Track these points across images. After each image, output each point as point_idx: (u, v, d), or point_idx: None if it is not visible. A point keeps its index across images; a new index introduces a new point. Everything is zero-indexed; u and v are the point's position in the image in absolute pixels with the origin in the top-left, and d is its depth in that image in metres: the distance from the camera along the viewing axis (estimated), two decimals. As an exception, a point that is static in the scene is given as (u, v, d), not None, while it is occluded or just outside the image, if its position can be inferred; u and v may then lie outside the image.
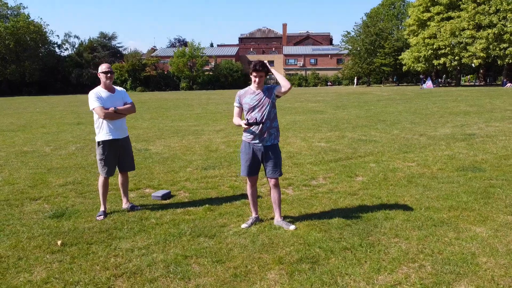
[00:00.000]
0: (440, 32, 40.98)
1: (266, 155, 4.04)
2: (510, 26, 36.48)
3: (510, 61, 37.71)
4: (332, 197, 5.03)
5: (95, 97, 4.40)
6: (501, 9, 37.13)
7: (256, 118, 3.92)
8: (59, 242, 3.77)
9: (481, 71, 55.71)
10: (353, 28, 60.41)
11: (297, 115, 15.71)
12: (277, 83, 4.05)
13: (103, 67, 4.47)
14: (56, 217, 4.53)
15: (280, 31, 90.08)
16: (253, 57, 74.22)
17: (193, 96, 36.21)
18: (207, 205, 4.82)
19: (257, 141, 4.03)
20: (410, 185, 5.44)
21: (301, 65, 72.12)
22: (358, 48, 55.06)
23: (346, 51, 57.74)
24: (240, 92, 4.14)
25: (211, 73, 64.61)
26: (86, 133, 11.86)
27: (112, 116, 4.41)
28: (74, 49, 65.66)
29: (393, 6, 66.91)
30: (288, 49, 75.73)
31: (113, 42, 71.13)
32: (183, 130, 11.97)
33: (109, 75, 4.43)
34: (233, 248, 3.57)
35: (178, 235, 3.91)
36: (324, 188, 5.49)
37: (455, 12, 41.01)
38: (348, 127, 11.68)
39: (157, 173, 6.63)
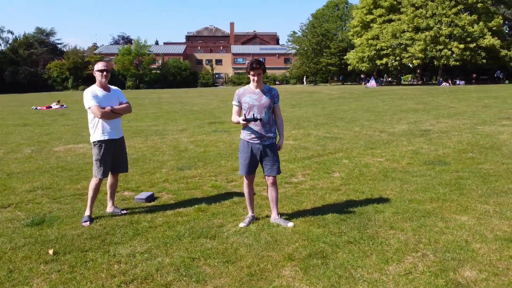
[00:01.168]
0: (382, 33, 43.11)
1: (264, 153, 4.05)
2: (445, 29, 39.22)
3: (445, 62, 40.53)
4: (318, 193, 5.15)
5: (91, 95, 4.20)
6: (437, 13, 39.83)
7: (253, 114, 3.92)
8: (50, 251, 3.53)
9: (418, 70, 59.37)
10: (300, 29, 61.75)
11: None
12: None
13: (99, 65, 4.30)
14: (36, 224, 4.23)
15: (227, 30, 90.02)
16: (201, 56, 73.57)
17: (142, 95, 35.16)
18: (196, 206, 4.74)
19: (256, 140, 4.03)
20: (387, 180, 5.70)
21: (250, 64, 72.58)
22: (305, 48, 56.43)
23: (293, 51, 58.98)
24: (240, 90, 4.12)
25: (158, 71, 63.12)
26: (37, 135, 11.14)
27: (109, 115, 4.24)
28: (8, 45, 61.17)
29: (337, 8, 69.25)
30: (237, 48, 75.86)
31: (52, 38, 67.35)
32: (144, 130, 11.61)
33: (105, 73, 4.28)
34: (239, 248, 3.55)
35: (177, 238, 3.81)
36: (306, 185, 5.60)
37: (396, 15, 43.36)
38: (310, 125, 11.96)
39: (131, 175, 6.38)
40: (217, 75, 70.89)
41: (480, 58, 40.02)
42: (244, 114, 3.96)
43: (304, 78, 61.01)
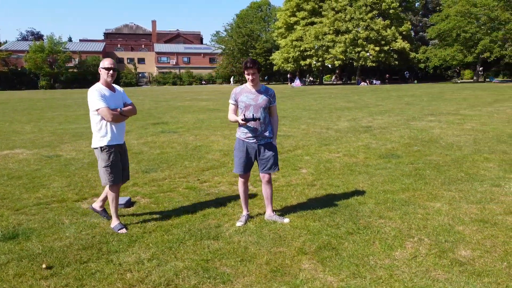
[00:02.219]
0: (306, 35, 45.05)
1: (260, 152, 4.10)
2: (362, 33, 42.14)
3: (363, 63, 43.58)
4: (297, 189, 5.32)
5: (99, 95, 3.89)
6: (355, 18, 42.65)
7: (253, 114, 3.95)
8: (43, 266, 3.23)
9: (337, 71, 63.04)
10: (224, 29, 62.09)
11: (198, 113, 15.64)
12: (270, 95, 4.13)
13: (105, 63, 3.98)
14: (10, 239, 3.82)
15: (148, 28, 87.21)
16: (122, 54, 70.38)
17: (63, 96, 32.74)
18: (182, 208, 4.64)
19: (252, 139, 4.06)
20: (354, 174, 6.06)
21: (174, 63, 71.10)
22: (231, 48, 56.87)
23: (219, 51, 59.08)
24: (236, 89, 4.12)
25: (75, 70, 59.12)
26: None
27: (118, 118, 3.97)
28: None
29: (260, 9, 70.75)
30: (160, 47, 73.85)
31: None
32: (85, 133, 10.88)
33: (111, 72, 3.97)
34: (248, 246, 3.57)
35: (178, 241, 3.71)
36: (281, 182, 5.74)
37: (318, 18, 45.58)
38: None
39: (93, 180, 6.00)
40: (140, 75, 68.39)
41: (393, 60, 43.68)
42: (244, 114, 3.97)
43: (232, 78, 61.40)
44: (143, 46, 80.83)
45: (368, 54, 42.54)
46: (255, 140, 4.06)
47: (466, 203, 4.52)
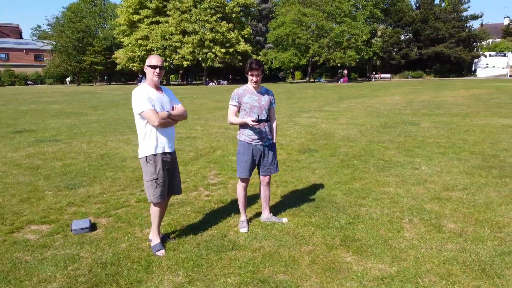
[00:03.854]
0: (152, 34, 43.80)
1: (264, 154, 4.02)
2: (209, 34, 43.27)
3: (211, 63, 44.81)
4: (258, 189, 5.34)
5: (145, 97, 3.27)
6: (200, 19, 43.46)
7: (260, 116, 3.85)
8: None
9: (181, 71, 63.18)
10: (48, 22, 55.39)
11: (61, 118, 13.76)
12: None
13: (152, 60, 3.35)
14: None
15: None
16: None
17: None
18: (164, 224, 4.17)
19: (258, 141, 3.96)
20: (295, 169, 6.39)
21: (-12, 60, 60.10)
22: (65, 45, 51.19)
23: (49, 47, 52.52)
24: (239, 90, 3.93)
25: None
26: None
27: (166, 122, 3.36)
28: None
29: (94, 4, 65.47)
30: (-34, 40, 61.31)
31: None
32: None
33: (158, 70, 3.39)
34: (277, 250, 3.50)
35: (200, 258, 3.38)
36: (235, 183, 5.67)
37: (163, 17, 44.79)
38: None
39: (10, 205, 4.82)
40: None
41: (238, 61, 46.18)
42: (258, 115, 3.85)
43: (68, 79, 55.28)
44: None
45: (214, 55, 43.92)
46: (260, 142, 3.98)
47: (410, 185, 5.32)
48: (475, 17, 52.15)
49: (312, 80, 49.10)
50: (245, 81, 4.12)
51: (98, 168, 6.59)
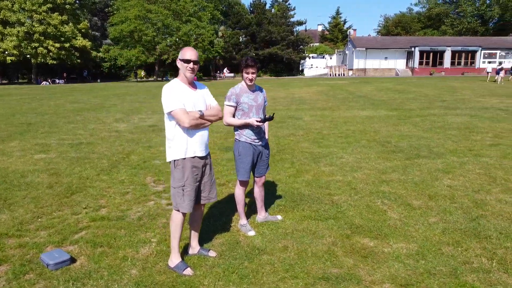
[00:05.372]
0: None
1: (261, 153, 3.92)
2: (38, 27, 37.85)
3: (42, 60, 39.33)
4: (223, 191, 5.13)
5: (176, 94, 2.96)
6: (26, 9, 37.65)
7: (272, 114, 3.75)
8: None
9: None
10: None
11: None
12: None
13: (185, 54, 2.93)
14: None
15: None
16: None
17: None
18: (153, 241, 3.68)
19: (258, 141, 3.84)
20: (232, 168, 6.30)
21: None
22: None
23: None
24: (235, 90, 3.70)
25: None
26: None
27: (198, 123, 2.91)
28: None
29: None
30: None
31: None
32: None
33: (191, 65, 3.00)
34: (303, 247, 3.49)
35: (237, 268, 3.13)
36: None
37: (-27, 3, 37.22)
38: (35, 134, 9.50)
39: None
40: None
41: (75, 58, 41.75)
42: (264, 115, 3.69)
43: None
44: None
45: (47, 50, 38.69)
46: (260, 142, 3.86)
47: (352, 173, 5.87)
48: (300, 23, 59.13)
49: (159, 78, 47.89)
50: (82, 80, 3.89)
51: (5, 190, 5.26)
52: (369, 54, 51.47)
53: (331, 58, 61.12)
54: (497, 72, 30.04)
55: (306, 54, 59.21)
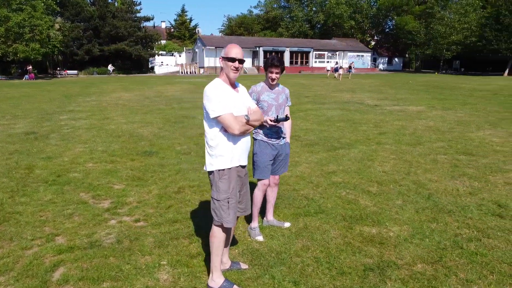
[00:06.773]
0: None
1: (279, 153, 3.84)
2: None
3: None
4: (204, 195, 4.79)
5: (222, 97, 2.69)
6: None
7: (286, 115, 3.64)
8: None
9: None
10: None
11: None
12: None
13: (231, 51, 2.73)
14: None
15: None
16: None
17: None
18: (163, 264, 3.26)
19: (275, 140, 3.77)
20: (198, 170, 5.91)
21: None
22: None
23: None
24: (257, 87, 3.57)
25: None
26: None
27: (246, 129, 2.76)
28: None
29: None
30: None
31: None
32: None
33: (236, 64, 2.71)
34: (323, 244, 3.56)
35: (278, 275, 3.03)
36: (156, 192, 4.78)
37: None
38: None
39: None
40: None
41: None
42: (277, 115, 3.57)
43: None
44: None
45: None
46: (278, 141, 3.76)
47: (295, 168, 6.13)
48: (148, 19, 57.09)
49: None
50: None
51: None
52: (219, 52, 53.14)
53: (180, 56, 60.96)
54: (335, 70, 34.87)
55: (156, 51, 57.68)
